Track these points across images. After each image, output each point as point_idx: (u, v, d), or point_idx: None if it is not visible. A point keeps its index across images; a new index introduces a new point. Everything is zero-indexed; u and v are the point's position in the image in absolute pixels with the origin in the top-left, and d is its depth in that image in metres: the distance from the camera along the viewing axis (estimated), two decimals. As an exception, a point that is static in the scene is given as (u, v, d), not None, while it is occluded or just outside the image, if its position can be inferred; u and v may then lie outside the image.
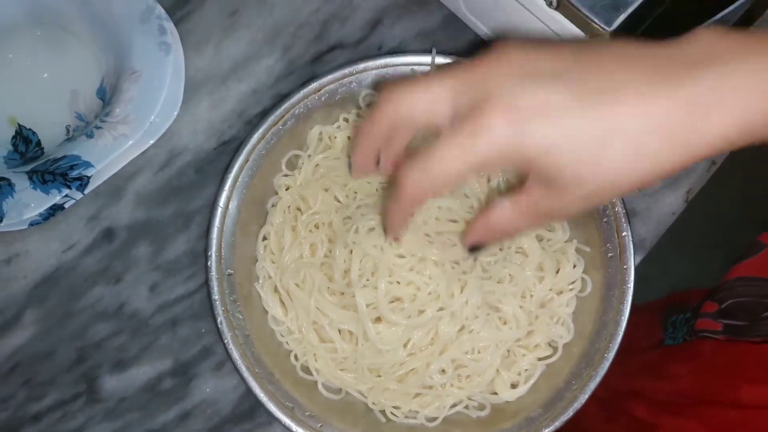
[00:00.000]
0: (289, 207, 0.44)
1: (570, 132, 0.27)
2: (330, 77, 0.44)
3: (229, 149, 0.49)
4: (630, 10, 0.34)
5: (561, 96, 0.27)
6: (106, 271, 0.47)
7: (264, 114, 0.49)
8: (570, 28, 0.37)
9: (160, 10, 0.47)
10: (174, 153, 0.49)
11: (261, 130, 0.43)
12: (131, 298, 0.47)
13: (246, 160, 0.43)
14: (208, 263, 0.42)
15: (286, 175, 0.45)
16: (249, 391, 0.40)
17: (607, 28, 0.35)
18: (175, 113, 0.48)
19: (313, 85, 0.44)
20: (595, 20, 0.35)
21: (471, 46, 0.50)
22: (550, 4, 0.36)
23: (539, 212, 0.30)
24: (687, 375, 0.50)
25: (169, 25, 0.47)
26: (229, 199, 0.43)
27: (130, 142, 0.45)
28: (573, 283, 0.43)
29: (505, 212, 0.31)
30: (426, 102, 0.30)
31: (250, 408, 0.45)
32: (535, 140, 0.27)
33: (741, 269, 0.52)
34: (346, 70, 0.44)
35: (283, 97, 0.44)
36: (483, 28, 0.48)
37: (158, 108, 0.46)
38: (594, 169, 0.27)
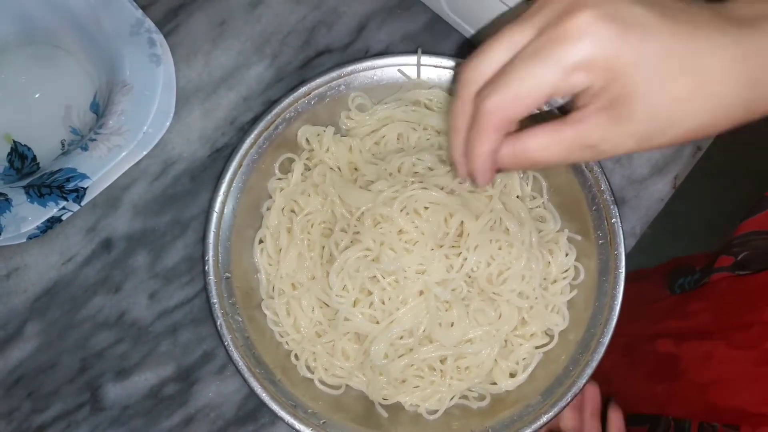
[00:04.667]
0: (283, 209, 0.45)
1: (659, 53, 0.26)
2: (318, 81, 0.44)
3: (222, 156, 0.49)
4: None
5: (653, 17, 0.26)
6: (105, 281, 0.48)
7: (255, 120, 0.50)
8: (549, 21, 0.38)
9: (149, 23, 0.48)
10: (168, 162, 0.49)
11: (252, 136, 0.44)
12: (131, 307, 0.48)
13: (239, 165, 0.44)
14: (206, 268, 0.42)
15: (279, 179, 0.46)
16: (251, 392, 0.41)
17: (584, 19, 0.36)
18: (168, 123, 0.49)
19: (303, 89, 0.44)
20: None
21: (455, 47, 0.51)
22: (528, 0, 0.37)
23: (585, 143, 0.28)
24: (707, 311, 0.50)
25: (159, 38, 0.48)
26: (223, 204, 0.43)
27: (125, 153, 0.46)
28: (566, 271, 0.44)
29: (545, 140, 0.28)
30: (506, 43, 0.28)
31: (253, 409, 0.46)
32: (628, 50, 0.26)
33: (751, 224, 0.52)
34: (334, 74, 0.45)
35: (273, 103, 0.44)
36: (467, 28, 0.49)
37: (150, 118, 0.47)
38: (667, 98, 0.26)
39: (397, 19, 0.51)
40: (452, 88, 0.45)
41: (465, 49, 0.51)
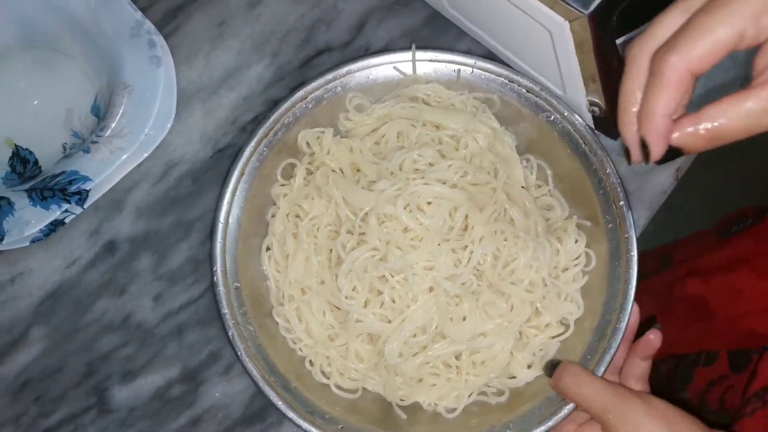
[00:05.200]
0: (287, 215, 0.45)
1: None
2: (315, 84, 0.44)
3: (224, 156, 0.49)
4: (606, -9, 0.35)
5: None
6: (109, 284, 0.48)
7: (256, 120, 0.50)
8: (549, 14, 0.38)
9: (149, 25, 0.48)
10: (170, 164, 0.49)
11: (252, 143, 0.43)
12: (136, 309, 0.48)
13: (241, 174, 0.43)
14: (215, 279, 0.42)
15: (282, 185, 0.45)
16: (258, 392, 0.41)
17: (584, 12, 0.36)
18: (169, 125, 0.49)
19: (299, 93, 0.44)
20: (573, 4, 0.36)
21: (455, 41, 0.51)
22: None
23: None
24: (750, 242, 0.49)
25: (159, 39, 0.48)
26: (228, 213, 0.43)
27: (127, 155, 0.46)
28: (577, 258, 0.43)
29: (733, 107, 0.27)
30: (682, 7, 0.28)
31: (260, 409, 0.46)
32: None
33: None
34: (330, 75, 0.44)
35: (275, 103, 0.44)
36: (466, 24, 0.49)
37: (152, 120, 0.47)
38: None
39: (396, 15, 0.51)
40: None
41: (465, 44, 0.51)
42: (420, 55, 0.45)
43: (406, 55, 0.45)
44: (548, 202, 0.45)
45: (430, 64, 0.45)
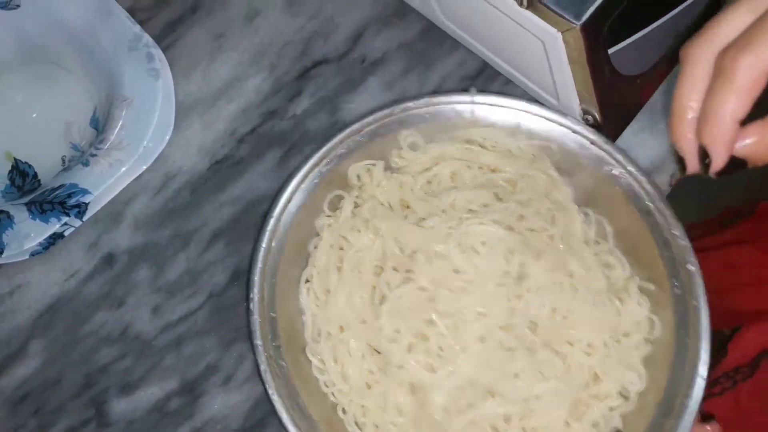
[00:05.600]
0: (331, 246, 0.43)
1: None
2: (371, 118, 0.43)
3: (222, 168, 0.50)
4: (597, 2, 0.36)
5: None
6: (108, 296, 0.48)
7: (254, 131, 0.50)
8: (542, 26, 0.39)
9: (147, 38, 0.48)
10: (169, 176, 0.50)
11: (303, 171, 0.42)
12: (134, 321, 0.48)
13: (288, 201, 0.42)
14: (250, 306, 0.40)
15: (328, 216, 0.44)
16: (258, 403, 0.40)
17: (576, 23, 0.36)
18: (168, 137, 0.49)
19: (355, 126, 0.43)
20: (565, 15, 0.36)
21: (450, 52, 0.51)
22: (521, 4, 0.38)
23: None
24: (748, 226, 0.49)
25: (157, 52, 0.48)
26: (271, 240, 0.41)
27: (125, 167, 0.46)
28: (639, 323, 0.40)
29: None
30: (748, 6, 0.26)
31: (260, 419, 0.46)
32: None
33: None
34: (387, 111, 0.43)
35: (272, 113, 0.44)
36: (461, 34, 0.49)
37: (150, 132, 0.47)
38: None
39: (393, 27, 0.52)
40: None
41: (460, 55, 0.51)
42: (480, 98, 0.44)
43: (466, 98, 0.44)
44: (608, 261, 0.41)
45: (489, 108, 0.44)
